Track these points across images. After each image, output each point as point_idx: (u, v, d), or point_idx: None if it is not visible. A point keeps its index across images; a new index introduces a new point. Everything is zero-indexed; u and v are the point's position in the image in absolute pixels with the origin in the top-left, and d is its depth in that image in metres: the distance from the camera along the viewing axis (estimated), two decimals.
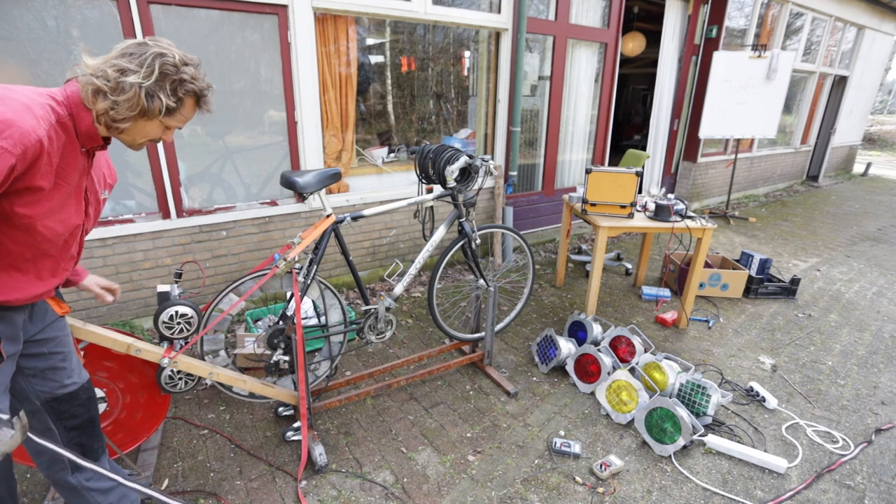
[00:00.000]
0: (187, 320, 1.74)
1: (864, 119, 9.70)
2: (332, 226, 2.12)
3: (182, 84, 1.10)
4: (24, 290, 1.13)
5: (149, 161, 2.72)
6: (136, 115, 1.08)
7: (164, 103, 1.08)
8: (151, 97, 1.06)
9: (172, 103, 1.10)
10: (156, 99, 1.07)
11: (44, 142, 0.98)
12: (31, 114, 0.97)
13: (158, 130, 1.15)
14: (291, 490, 1.86)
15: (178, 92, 1.10)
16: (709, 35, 5.59)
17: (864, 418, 2.36)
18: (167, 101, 1.08)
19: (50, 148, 1.01)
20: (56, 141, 1.03)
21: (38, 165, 0.99)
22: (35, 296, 1.16)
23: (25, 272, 1.13)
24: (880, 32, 8.46)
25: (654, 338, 3.06)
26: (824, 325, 3.31)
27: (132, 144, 1.17)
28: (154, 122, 1.12)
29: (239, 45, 2.85)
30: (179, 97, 1.11)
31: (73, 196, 1.13)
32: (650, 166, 5.86)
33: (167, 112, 1.11)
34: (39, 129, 0.97)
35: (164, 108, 1.09)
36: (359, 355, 2.81)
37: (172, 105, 1.10)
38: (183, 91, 1.10)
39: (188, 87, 1.11)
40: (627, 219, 2.99)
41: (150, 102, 1.07)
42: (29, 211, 1.03)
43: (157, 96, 1.07)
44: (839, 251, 4.96)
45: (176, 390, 1.83)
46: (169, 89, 1.08)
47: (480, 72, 4.14)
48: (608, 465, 1.95)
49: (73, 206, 1.14)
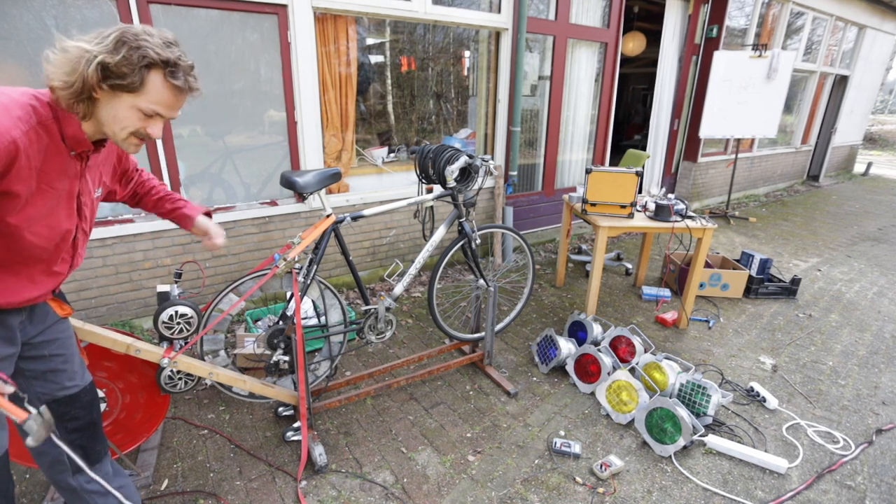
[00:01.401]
0: (187, 320, 1.74)
1: (864, 119, 9.69)
2: (332, 226, 2.12)
3: (139, 51, 0.97)
4: (17, 293, 1.11)
5: (148, 161, 2.72)
6: (81, 91, 0.97)
7: (114, 73, 0.97)
8: (94, 64, 0.95)
9: (130, 75, 0.98)
10: (102, 67, 0.96)
11: (19, 144, 0.93)
12: (7, 114, 0.93)
13: (135, 117, 1.04)
14: (291, 490, 1.85)
15: (133, 61, 0.97)
16: (709, 35, 5.58)
17: (864, 418, 2.36)
18: (120, 70, 0.97)
19: (29, 150, 0.96)
20: (37, 143, 0.98)
21: (14, 169, 0.94)
22: (30, 299, 1.15)
23: (17, 275, 1.11)
24: (881, 32, 8.45)
25: (655, 338, 3.06)
26: (825, 326, 3.31)
27: (115, 139, 1.07)
28: (121, 102, 1.02)
29: (239, 45, 2.85)
30: (139, 67, 0.98)
31: (64, 201, 1.10)
32: (650, 166, 5.86)
33: (128, 88, 1.00)
34: (15, 130, 0.93)
35: (116, 78, 0.98)
36: (359, 355, 2.81)
37: (130, 77, 0.98)
38: (140, 59, 0.98)
39: (148, 56, 0.98)
40: (627, 219, 2.99)
41: (89, 68, 0.95)
42: (12, 219, 0.99)
43: (106, 65, 0.96)
44: (840, 251, 4.95)
45: (176, 390, 1.83)
46: (124, 57, 0.97)
47: (480, 72, 4.14)
48: (608, 466, 1.95)
49: (64, 212, 1.11)
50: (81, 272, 2.66)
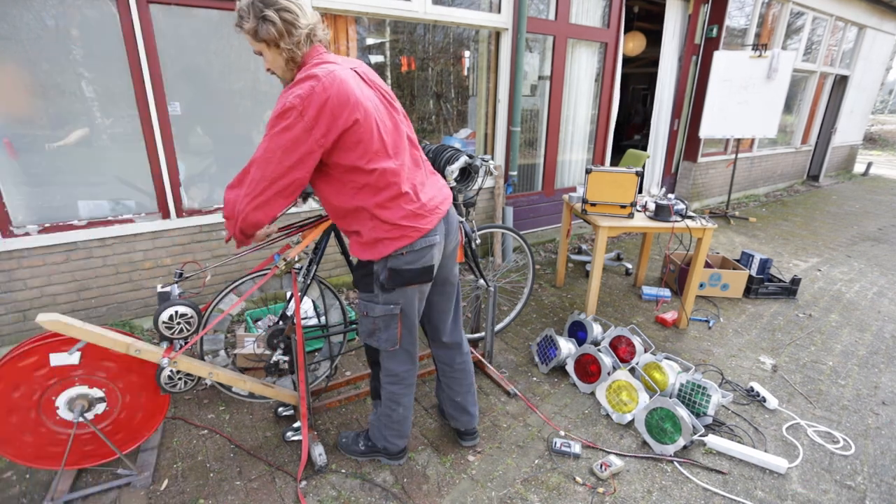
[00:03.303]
0: (187, 320, 1.74)
1: (864, 119, 9.69)
2: (332, 225, 2.12)
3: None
4: None
5: (148, 161, 2.72)
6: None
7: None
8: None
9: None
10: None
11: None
12: None
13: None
14: (291, 490, 1.85)
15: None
16: (709, 34, 5.58)
17: (864, 418, 2.36)
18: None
19: None
20: None
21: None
22: None
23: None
24: (881, 32, 8.44)
25: (655, 338, 3.06)
26: (825, 326, 3.31)
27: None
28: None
29: (238, 45, 2.85)
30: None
31: None
32: (650, 166, 5.86)
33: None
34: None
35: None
36: (359, 355, 2.81)
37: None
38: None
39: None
40: (627, 219, 2.99)
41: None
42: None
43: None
44: (840, 251, 4.95)
45: (175, 390, 1.83)
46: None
47: (480, 72, 4.14)
48: (608, 466, 1.95)
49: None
50: (81, 272, 2.67)
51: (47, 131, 2.48)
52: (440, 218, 1.58)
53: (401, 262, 1.52)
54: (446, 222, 1.63)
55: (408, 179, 1.51)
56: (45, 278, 2.58)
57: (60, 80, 2.44)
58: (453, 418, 2.06)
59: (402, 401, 1.84)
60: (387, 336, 1.64)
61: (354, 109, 1.35)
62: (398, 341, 1.66)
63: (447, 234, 1.65)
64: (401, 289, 1.57)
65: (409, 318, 1.67)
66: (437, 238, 1.57)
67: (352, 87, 1.36)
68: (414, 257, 1.53)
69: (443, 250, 1.65)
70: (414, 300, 1.64)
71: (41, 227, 2.52)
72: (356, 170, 1.41)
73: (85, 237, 2.61)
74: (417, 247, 1.52)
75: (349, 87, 1.35)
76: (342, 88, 1.33)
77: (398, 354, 1.75)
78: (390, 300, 1.59)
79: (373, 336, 1.66)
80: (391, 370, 1.79)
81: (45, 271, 2.56)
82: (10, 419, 1.60)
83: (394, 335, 1.63)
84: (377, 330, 1.63)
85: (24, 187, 2.47)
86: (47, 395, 1.63)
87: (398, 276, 1.53)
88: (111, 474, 1.88)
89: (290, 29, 1.36)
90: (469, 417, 2.03)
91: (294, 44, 1.38)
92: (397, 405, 1.84)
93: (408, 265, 1.53)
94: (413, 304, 1.65)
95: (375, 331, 1.64)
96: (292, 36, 1.37)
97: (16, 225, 2.48)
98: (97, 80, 2.52)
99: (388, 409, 1.85)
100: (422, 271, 1.55)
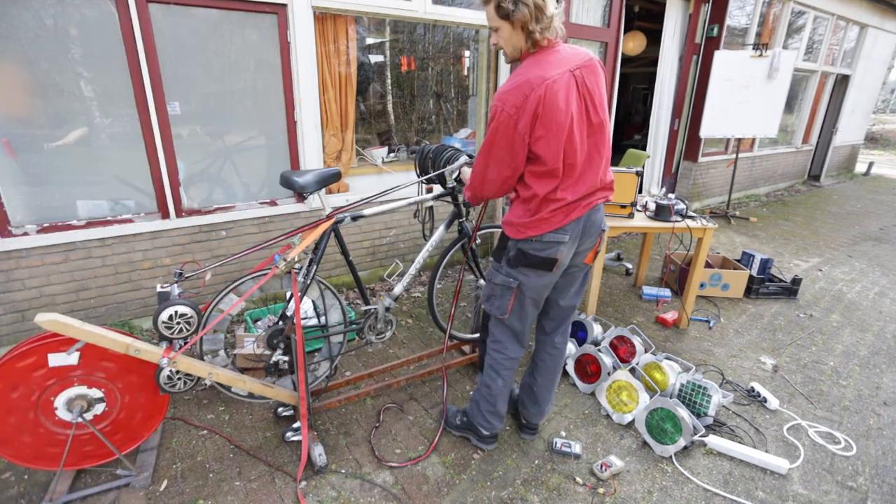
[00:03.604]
0: (187, 320, 1.73)
1: (866, 118, 9.67)
2: (332, 226, 2.11)
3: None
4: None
5: (147, 161, 2.72)
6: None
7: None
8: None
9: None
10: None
11: None
12: None
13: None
14: (291, 491, 1.85)
15: None
16: (710, 34, 5.57)
17: (866, 419, 2.35)
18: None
19: None
20: None
21: None
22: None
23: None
24: (883, 31, 8.43)
25: (655, 338, 3.05)
26: (826, 326, 3.30)
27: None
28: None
29: (238, 45, 2.84)
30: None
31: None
32: (650, 166, 5.85)
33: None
34: None
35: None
36: (359, 355, 2.81)
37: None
38: None
39: None
40: (628, 219, 2.98)
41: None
42: None
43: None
44: (841, 251, 4.94)
45: (175, 390, 1.82)
46: None
47: (480, 71, 4.13)
48: (609, 466, 1.94)
49: None
50: (80, 272, 2.66)
51: (46, 131, 2.47)
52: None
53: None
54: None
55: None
56: (43, 278, 2.57)
57: (59, 80, 2.43)
58: (523, 405, 2.12)
59: (501, 372, 1.95)
60: (499, 304, 1.81)
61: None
62: (507, 311, 1.81)
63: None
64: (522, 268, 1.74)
65: (523, 297, 1.80)
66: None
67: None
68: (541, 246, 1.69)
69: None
70: (531, 282, 1.76)
71: (40, 227, 2.52)
72: None
73: (84, 237, 2.61)
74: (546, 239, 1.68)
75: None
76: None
77: (504, 325, 1.89)
78: (511, 274, 1.76)
79: (489, 301, 1.85)
80: (495, 335, 1.94)
81: (43, 271, 2.56)
82: (8, 420, 1.60)
83: (505, 305, 1.79)
84: (493, 296, 1.83)
85: (22, 187, 2.47)
86: (46, 395, 1.62)
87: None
88: (110, 475, 1.87)
89: (538, 15, 1.48)
90: (538, 410, 2.08)
91: (539, 29, 1.50)
92: (497, 375, 1.95)
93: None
94: (529, 286, 1.77)
95: (492, 296, 1.83)
96: (539, 22, 1.48)
97: (14, 225, 2.47)
98: (96, 79, 2.51)
99: (489, 379, 1.97)
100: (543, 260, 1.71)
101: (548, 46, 1.55)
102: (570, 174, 1.60)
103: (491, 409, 2.00)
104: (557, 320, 1.99)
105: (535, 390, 2.06)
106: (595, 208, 1.71)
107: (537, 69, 1.49)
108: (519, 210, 1.68)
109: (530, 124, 1.49)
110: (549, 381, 2.04)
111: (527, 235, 1.66)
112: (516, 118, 1.48)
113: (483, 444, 2.08)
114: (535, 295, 1.78)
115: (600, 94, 1.61)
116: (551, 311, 1.97)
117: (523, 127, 1.49)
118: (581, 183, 1.63)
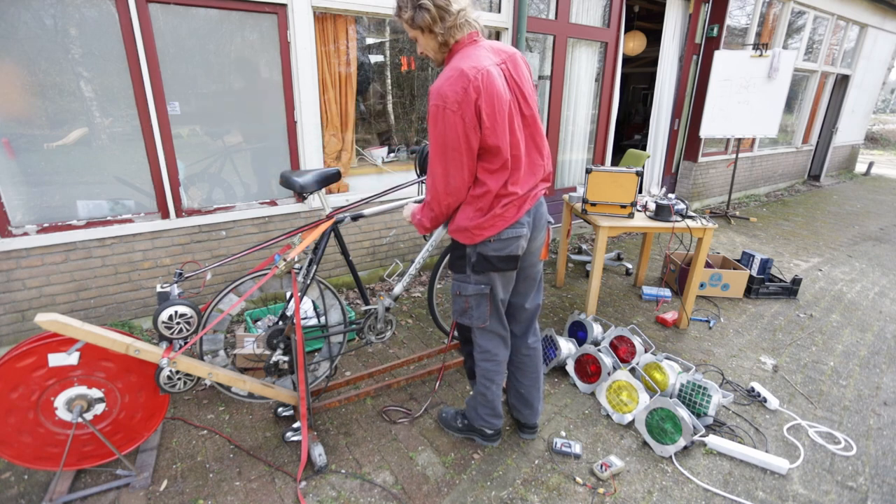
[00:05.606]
0: (187, 320, 1.73)
1: (866, 118, 9.68)
2: (332, 226, 2.11)
3: None
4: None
5: (147, 161, 2.72)
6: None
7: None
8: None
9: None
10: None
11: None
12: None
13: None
14: (291, 491, 1.85)
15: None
16: (710, 34, 5.57)
17: (866, 419, 2.35)
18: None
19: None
20: None
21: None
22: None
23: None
24: (883, 31, 8.43)
25: (655, 338, 3.05)
26: (826, 326, 3.30)
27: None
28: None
29: (238, 45, 2.84)
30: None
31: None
32: (650, 166, 5.85)
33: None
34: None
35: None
36: (359, 355, 2.81)
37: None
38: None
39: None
40: (628, 219, 2.98)
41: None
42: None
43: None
44: (841, 251, 4.94)
45: (175, 390, 1.82)
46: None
47: None
48: (609, 466, 1.94)
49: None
50: (80, 272, 2.66)
51: (46, 131, 2.47)
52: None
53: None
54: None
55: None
56: (43, 278, 2.57)
57: (59, 80, 2.43)
58: (515, 409, 2.12)
59: (495, 378, 1.95)
60: (478, 314, 1.79)
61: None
62: (487, 319, 1.79)
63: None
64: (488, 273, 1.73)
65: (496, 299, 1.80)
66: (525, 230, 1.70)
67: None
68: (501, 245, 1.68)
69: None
70: (499, 283, 1.76)
71: (40, 227, 2.52)
72: None
73: (84, 237, 2.61)
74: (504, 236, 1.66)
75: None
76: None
77: (488, 333, 1.88)
78: (480, 281, 1.74)
79: (464, 314, 1.81)
80: (482, 346, 1.91)
81: (43, 271, 2.56)
82: (8, 420, 1.60)
83: (483, 313, 1.78)
84: (469, 308, 1.79)
85: (22, 187, 2.47)
86: (46, 395, 1.62)
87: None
88: (110, 475, 1.87)
89: (442, 15, 1.48)
90: (531, 412, 2.08)
91: (446, 29, 1.50)
92: (491, 382, 1.95)
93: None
94: (498, 287, 1.77)
95: (467, 309, 1.80)
96: (444, 21, 1.49)
97: (14, 225, 2.47)
98: (96, 79, 2.51)
99: (483, 388, 1.97)
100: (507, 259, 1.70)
101: (469, 41, 1.55)
102: (517, 166, 1.59)
103: (490, 412, 2.02)
104: (525, 323, 1.99)
105: (523, 392, 2.06)
106: (540, 201, 1.75)
107: (468, 61, 1.47)
108: (469, 212, 1.62)
109: (476, 115, 1.45)
110: (534, 380, 2.05)
111: (483, 237, 1.63)
112: (461, 113, 1.44)
113: (489, 442, 2.10)
114: (503, 294, 1.80)
115: (529, 87, 1.62)
116: (518, 315, 1.97)
117: (470, 120, 1.45)
118: (529, 175, 1.64)
